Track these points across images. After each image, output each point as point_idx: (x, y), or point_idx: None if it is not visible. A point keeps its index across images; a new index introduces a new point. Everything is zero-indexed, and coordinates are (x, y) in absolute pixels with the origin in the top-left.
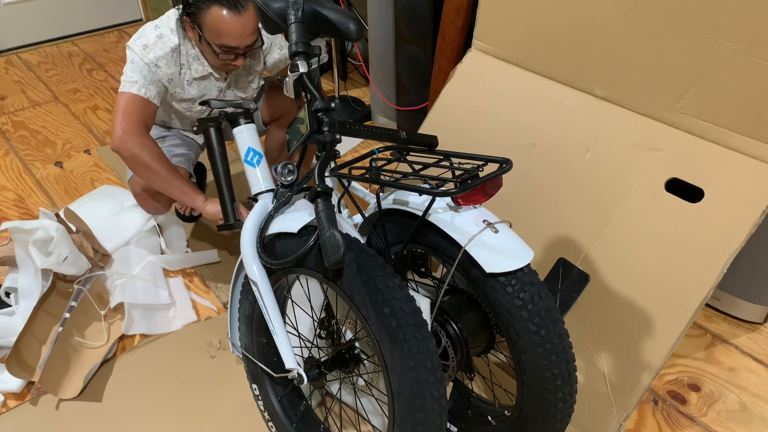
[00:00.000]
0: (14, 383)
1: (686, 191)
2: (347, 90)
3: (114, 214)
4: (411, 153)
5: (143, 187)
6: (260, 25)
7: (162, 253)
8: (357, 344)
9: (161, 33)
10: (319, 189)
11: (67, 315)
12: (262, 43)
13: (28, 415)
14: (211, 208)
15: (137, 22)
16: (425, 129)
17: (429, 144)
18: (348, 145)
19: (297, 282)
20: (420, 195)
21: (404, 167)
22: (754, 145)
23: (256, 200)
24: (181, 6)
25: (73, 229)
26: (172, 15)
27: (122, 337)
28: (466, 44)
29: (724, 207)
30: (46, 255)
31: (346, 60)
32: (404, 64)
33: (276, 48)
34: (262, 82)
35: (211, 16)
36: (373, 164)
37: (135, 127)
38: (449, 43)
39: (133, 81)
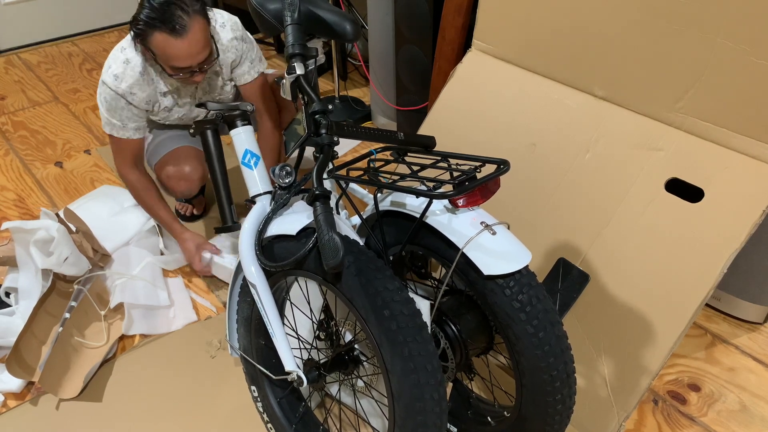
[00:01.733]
0: (14, 383)
1: (686, 191)
2: (347, 90)
3: (114, 214)
4: (409, 154)
5: (173, 170)
6: (213, 35)
7: (161, 254)
8: (356, 346)
9: (127, 57)
10: (317, 192)
11: (67, 315)
12: (218, 55)
13: (28, 415)
14: (189, 245)
15: None
16: (425, 129)
17: (426, 145)
18: (348, 145)
19: (296, 283)
20: (417, 197)
21: (402, 168)
22: (754, 145)
23: (254, 202)
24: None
25: (73, 229)
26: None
27: (122, 337)
28: (466, 44)
29: (724, 207)
30: (47, 255)
31: (346, 60)
32: (404, 64)
33: (247, 62)
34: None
35: (156, 41)
36: (371, 165)
37: (126, 164)
38: (449, 43)
39: (113, 124)
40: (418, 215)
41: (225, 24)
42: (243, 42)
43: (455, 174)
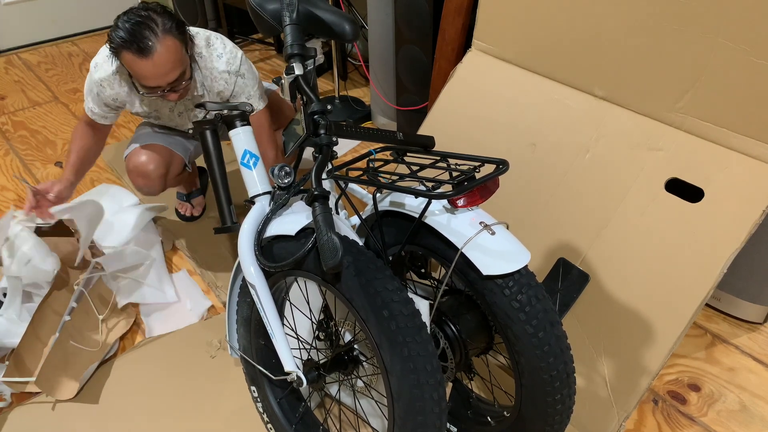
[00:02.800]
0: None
1: (686, 191)
2: (347, 90)
3: (113, 213)
4: (408, 154)
5: (135, 164)
6: (198, 58)
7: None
8: (356, 346)
9: (110, 53)
10: (316, 192)
11: (68, 317)
12: (191, 76)
13: (28, 415)
14: (58, 186)
15: None
16: (425, 129)
17: (425, 145)
18: (348, 145)
19: (295, 284)
20: (416, 197)
21: (402, 168)
22: (754, 145)
23: (253, 203)
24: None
25: (73, 229)
26: None
27: (122, 337)
28: (466, 44)
29: (724, 207)
30: (9, 259)
31: (346, 60)
32: (404, 64)
33: (242, 97)
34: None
35: (125, 60)
36: (370, 165)
37: (86, 119)
38: (449, 43)
39: (87, 97)
40: (417, 215)
41: (222, 55)
42: (239, 77)
43: (454, 174)
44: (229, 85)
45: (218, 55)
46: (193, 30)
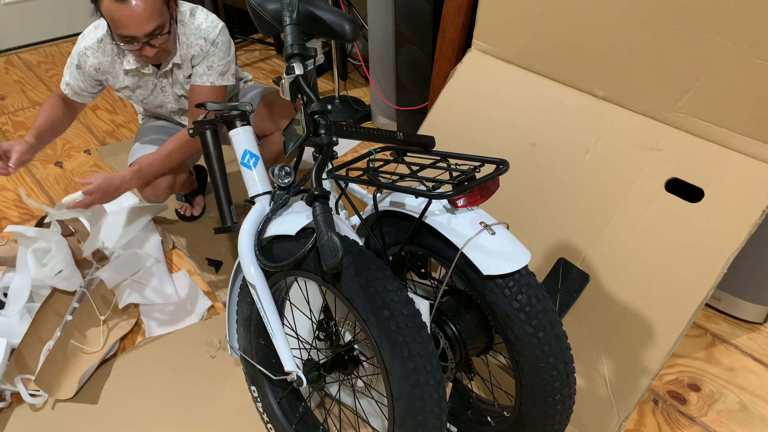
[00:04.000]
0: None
1: (686, 191)
2: (347, 90)
3: (112, 213)
4: (408, 154)
5: None
6: (179, 21)
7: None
8: (356, 346)
9: (96, 23)
10: (316, 192)
11: (69, 317)
12: (169, 31)
13: (28, 416)
14: (18, 147)
15: None
16: (425, 129)
17: (426, 145)
18: (348, 145)
19: (295, 284)
20: (417, 197)
21: (402, 168)
22: (754, 145)
23: (254, 203)
24: None
25: (72, 230)
26: None
27: (123, 337)
28: (466, 44)
29: (724, 207)
30: (42, 265)
31: (346, 60)
32: (404, 64)
33: (204, 65)
34: None
35: (104, 7)
36: (371, 165)
37: (59, 91)
38: (449, 43)
39: (66, 71)
40: (417, 215)
41: (202, 23)
42: (212, 46)
43: (454, 174)
44: (202, 52)
45: (199, 23)
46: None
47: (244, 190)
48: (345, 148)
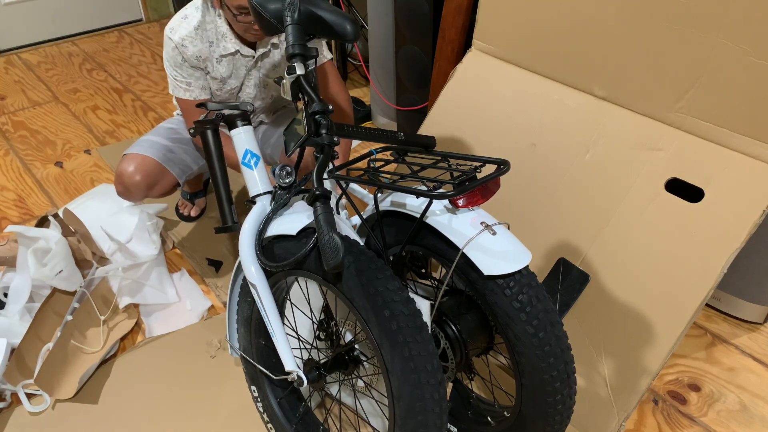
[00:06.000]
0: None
1: (686, 191)
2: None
3: (112, 213)
4: (409, 154)
5: (123, 169)
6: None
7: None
8: (356, 346)
9: (185, 14)
10: (317, 192)
11: (69, 317)
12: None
13: (28, 416)
14: None
15: (137, 22)
16: (425, 129)
17: (426, 145)
18: None
19: (296, 284)
20: (417, 197)
21: (402, 168)
22: (754, 145)
23: (254, 202)
24: None
25: (72, 230)
26: None
27: (123, 337)
28: (466, 44)
29: (724, 207)
30: (42, 266)
31: (346, 60)
32: (404, 64)
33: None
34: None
35: None
36: (371, 165)
37: (185, 108)
38: (449, 43)
39: (176, 83)
40: (418, 215)
41: None
42: None
43: (455, 174)
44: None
45: None
46: None
47: (243, 191)
48: None
